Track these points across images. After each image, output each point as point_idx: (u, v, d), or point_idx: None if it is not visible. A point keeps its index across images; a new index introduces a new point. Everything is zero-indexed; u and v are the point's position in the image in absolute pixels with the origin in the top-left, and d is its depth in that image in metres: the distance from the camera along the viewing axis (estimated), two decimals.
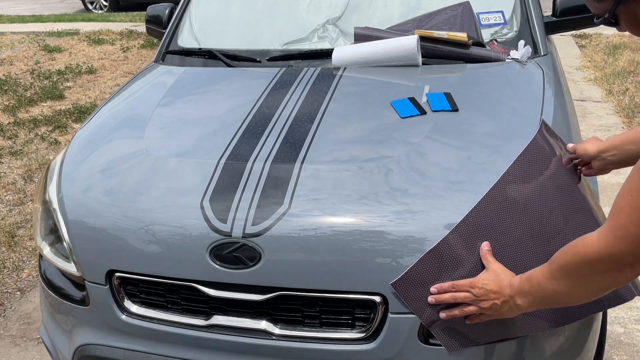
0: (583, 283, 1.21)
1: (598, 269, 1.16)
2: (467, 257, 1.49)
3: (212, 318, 1.66)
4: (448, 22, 2.44)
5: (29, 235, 3.73)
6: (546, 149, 1.59)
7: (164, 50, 2.79)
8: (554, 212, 1.51)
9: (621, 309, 2.78)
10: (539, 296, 1.31)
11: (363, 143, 1.83)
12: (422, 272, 1.49)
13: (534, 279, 1.30)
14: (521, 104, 2.04)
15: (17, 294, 3.20)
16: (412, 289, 1.49)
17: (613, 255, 1.12)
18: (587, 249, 1.16)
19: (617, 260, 1.12)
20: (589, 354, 1.75)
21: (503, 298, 1.37)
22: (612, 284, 1.18)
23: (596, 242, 1.14)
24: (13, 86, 6.89)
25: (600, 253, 1.14)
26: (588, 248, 1.16)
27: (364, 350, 1.57)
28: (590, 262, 1.16)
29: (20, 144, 5.19)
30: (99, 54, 8.44)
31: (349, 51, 2.37)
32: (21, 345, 2.81)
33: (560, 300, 1.29)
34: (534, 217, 1.50)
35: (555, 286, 1.25)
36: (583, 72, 6.55)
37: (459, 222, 1.50)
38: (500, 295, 1.38)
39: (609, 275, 1.16)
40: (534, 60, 2.35)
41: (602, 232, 1.14)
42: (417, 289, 1.49)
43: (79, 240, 1.77)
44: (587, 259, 1.16)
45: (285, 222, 1.57)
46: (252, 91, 2.18)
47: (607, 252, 1.13)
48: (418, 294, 1.49)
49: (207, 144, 1.90)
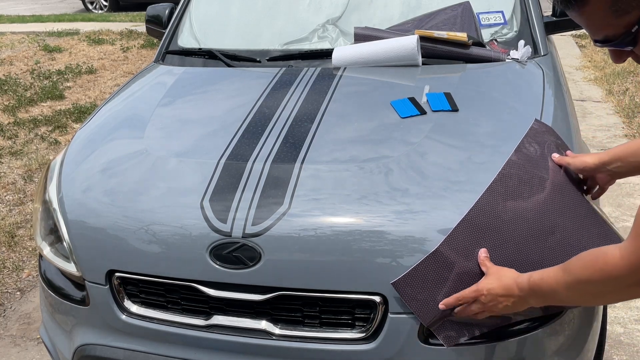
0: (601, 295, 1.21)
1: (621, 285, 1.15)
2: (468, 258, 1.49)
3: (212, 318, 1.66)
4: (448, 22, 2.44)
5: (29, 235, 3.73)
6: (537, 149, 1.60)
7: (164, 50, 2.79)
8: (550, 208, 1.52)
9: (621, 309, 2.78)
10: (552, 299, 1.31)
11: (363, 143, 1.83)
12: (424, 273, 1.49)
13: (546, 284, 1.28)
14: (521, 104, 2.04)
15: (17, 294, 3.20)
16: (413, 289, 1.49)
17: (638, 273, 1.11)
18: (611, 268, 1.14)
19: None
20: (589, 354, 1.75)
21: (513, 299, 1.37)
22: (632, 297, 1.18)
23: (619, 260, 1.13)
24: (13, 86, 6.89)
25: (625, 271, 1.12)
26: (612, 266, 1.14)
27: (364, 350, 1.57)
28: (613, 280, 1.15)
29: (20, 144, 5.19)
30: (99, 54, 8.44)
31: (349, 51, 2.37)
32: (21, 345, 2.81)
33: (574, 303, 1.30)
34: (531, 213, 1.51)
35: (571, 295, 1.25)
36: (583, 72, 6.55)
37: (457, 223, 1.51)
38: (509, 296, 1.37)
39: (631, 290, 1.15)
40: (534, 60, 2.35)
41: (626, 249, 1.12)
42: (418, 290, 1.49)
43: (79, 240, 1.77)
44: (611, 276, 1.15)
45: (285, 222, 1.57)
46: (252, 91, 2.18)
47: (632, 270, 1.11)
48: (418, 294, 1.49)
49: (207, 144, 1.90)
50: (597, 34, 1.04)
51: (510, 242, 1.49)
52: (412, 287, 1.49)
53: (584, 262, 1.21)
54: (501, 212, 1.51)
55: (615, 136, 4.76)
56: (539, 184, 1.55)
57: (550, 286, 1.27)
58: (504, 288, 1.37)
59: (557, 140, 1.73)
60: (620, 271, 1.13)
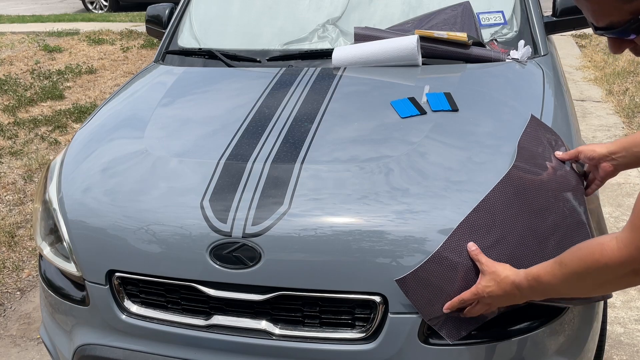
0: (599, 286, 1.22)
1: (617, 274, 1.16)
2: (469, 257, 1.49)
3: (212, 318, 1.66)
4: (448, 22, 2.44)
5: (29, 235, 3.73)
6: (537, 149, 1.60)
7: (164, 50, 2.79)
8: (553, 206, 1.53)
9: (621, 309, 2.78)
10: (552, 293, 1.33)
11: (363, 143, 1.83)
12: (428, 272, 1.48)
13: (544, 280, 1.30)
14: (521, 103, 2.04)
15: (17, 294, 3.20)
16: (417, 287, 1.49)
17: (635, 263, 1.12)
18: (608, 258, 1.15)
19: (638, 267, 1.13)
20: (589, 354, 1.75)
21: (513, 297, 1.39)
22: (628, 285, 1.19)
23: (617, 251, 1.14)
24: (13, 86, 6.89)
25: (622, 261, 1.13)
26: (609, 257, 1.15)
27: (364, 350, 1.57)
28: (610, 270, 1.16)
29: (20, 144, 5.19)
30: (99, 54, 8.43)
31: (349, 51, 2.37)
32: (21, 345, 2.81)
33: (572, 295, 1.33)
34: (533, 212, 1.51)
35: (568, 287, 1.27)
36: (583, 72, 6.55)
37: (459, 223, 1.51)
38: (508, 295, 1.40)
39: (627, 278, 1.16)
40: (534, 60, 2.35)
41: (623, 240, 1.13)
42: (422, 288, 1.49)
43: (79, 240, 1.77)
44: (607, 267, 1.16)
45: (285, 222, 1.57)
46: (252, 91, 2.18)
47: (629, 260, 1.12)
48: (422, 293, 1.49)
49: (207, 144, 1.90)
50: (601, 20, 1.01)
51: (511, 242, 1.49)
52: (416, 286, 1.49)
53: (580, 254, 1.22)
54: (502, 211, 1.51)
55: (615, 136, 4.76)
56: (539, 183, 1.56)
57: (548, 281, 1.29)
58: (503, 290, 1.40)
59: (554, 136, 1.75)
60: (617, 261, 1.14)
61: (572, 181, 1.61)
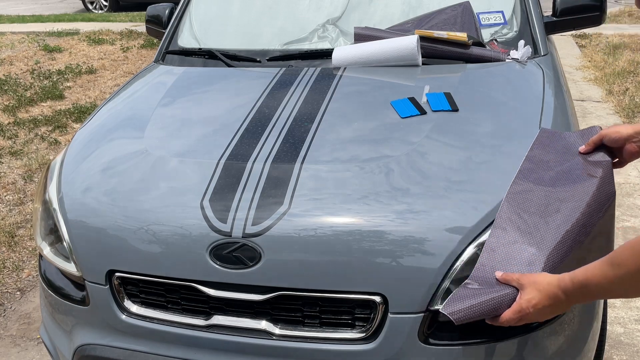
0: None
1: None
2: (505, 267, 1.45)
3: (212, 318, 1.66)
4: (448, 22, 2.44)
5: (29, 235, 3.73)
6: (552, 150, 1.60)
7: (164, 50, 2.79)
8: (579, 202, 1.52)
9: (621, 308, 2.78)
10: (601, 295, 1.28)
11: (363, 143, 1.83)
12: (465, 292, 1.42)
13: (594, 282, 1.23)
14: (521, 103, 2.04)
15: (17, 294, 3.20)
16: (458, 305, 1.38)
17: None
18: None
19: None
20: (589, 354, 1.75)
21: (559, 303, 1.31)
22: None
23: None
24: (13, 86, 6.89)
25: None
26: None
27: (364, 350, 1.57)
28: None
29: (20, 144, 5.19)
30: (99, 54, 8.44)
31: (349, 51, 2.37)
32: (21, 345, 2.81)
33: (627, 296, 1.25)
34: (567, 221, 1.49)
35: (625, 287, 1.20)
36: (583, 72, 6.56)
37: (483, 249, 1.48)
38: (554, 303, 1.31)
39: None
40: (534, 60, 2.35)
41: None
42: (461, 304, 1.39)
43: (79, 240, 1.77)
44: None
45: (285, 222, 1.57)
46: (252, 91, 2.19)
47: None
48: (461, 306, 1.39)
49: (207, 144, 1.90)
50: None
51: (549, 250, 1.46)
52: (457, 304, 1.39)
53: (634, 251, 1.15)
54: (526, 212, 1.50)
55: None
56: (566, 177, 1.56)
57: (598, 283, 1.22)
58: (549, 297, 1.30)
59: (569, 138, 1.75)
60: None
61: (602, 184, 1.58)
